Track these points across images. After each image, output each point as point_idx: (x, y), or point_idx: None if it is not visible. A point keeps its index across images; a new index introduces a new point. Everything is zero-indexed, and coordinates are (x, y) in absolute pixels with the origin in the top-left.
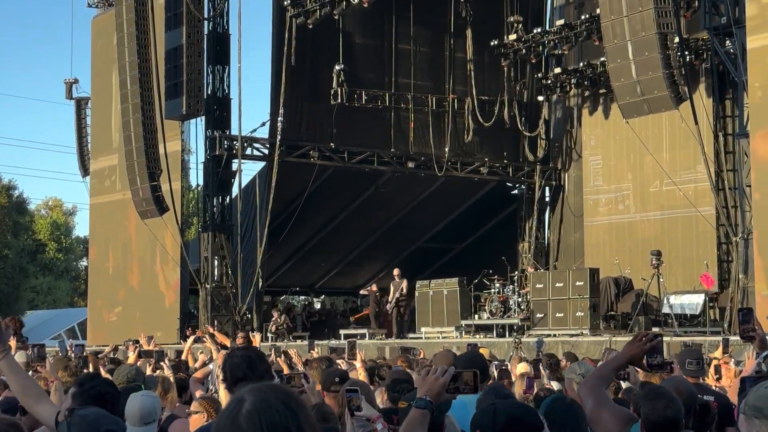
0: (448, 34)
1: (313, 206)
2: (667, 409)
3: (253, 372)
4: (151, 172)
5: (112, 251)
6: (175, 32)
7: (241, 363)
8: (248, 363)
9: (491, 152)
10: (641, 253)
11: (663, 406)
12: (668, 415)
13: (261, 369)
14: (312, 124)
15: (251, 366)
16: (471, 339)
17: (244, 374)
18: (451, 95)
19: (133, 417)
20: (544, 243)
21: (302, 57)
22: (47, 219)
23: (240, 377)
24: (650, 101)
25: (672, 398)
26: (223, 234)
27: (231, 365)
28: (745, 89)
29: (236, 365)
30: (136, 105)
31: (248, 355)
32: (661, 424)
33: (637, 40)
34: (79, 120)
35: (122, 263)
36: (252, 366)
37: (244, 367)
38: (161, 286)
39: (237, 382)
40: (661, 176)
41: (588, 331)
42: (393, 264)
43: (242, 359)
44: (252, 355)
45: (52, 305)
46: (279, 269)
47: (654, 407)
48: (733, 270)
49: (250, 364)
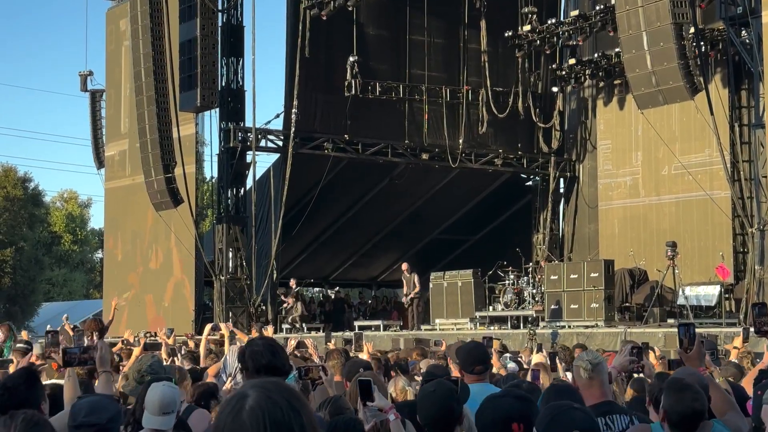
0: (463, 25)
1: (327, 198)
2: (695, 402)
3: (276, 359)
4: (166, 164)
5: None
6: (190, 24)
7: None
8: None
9: (505, 143)
10: (656, 245)
11: (690, 399)
12: (696, 407)
13: (283, 357)
14: (326, 116)
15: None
16: (486, 330)
17: (269, 361)
18: (465, 86)
19: (152, 406)
20: (559, 234)
21: (316, 48)
22: (63, 211)
23: (264, 364)
24: (665, 92)
25: (697, 390)
26: (237, 226)
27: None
28: (761, 79)
29: (259, 353)
30: (150, 97)
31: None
32: (688, 416)
33: (652, 30)
34: (93, 112)
35: (134, 254)
36: (275, 353)
37: (268, 354)
38: (176, 278)
39: (260, 370)
40: (676, 167)
41: (603, 323)
42: (407, 256)
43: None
44: (273, 343)
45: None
46: (293, 261)
47: (680, 399)
48: (749, 261)
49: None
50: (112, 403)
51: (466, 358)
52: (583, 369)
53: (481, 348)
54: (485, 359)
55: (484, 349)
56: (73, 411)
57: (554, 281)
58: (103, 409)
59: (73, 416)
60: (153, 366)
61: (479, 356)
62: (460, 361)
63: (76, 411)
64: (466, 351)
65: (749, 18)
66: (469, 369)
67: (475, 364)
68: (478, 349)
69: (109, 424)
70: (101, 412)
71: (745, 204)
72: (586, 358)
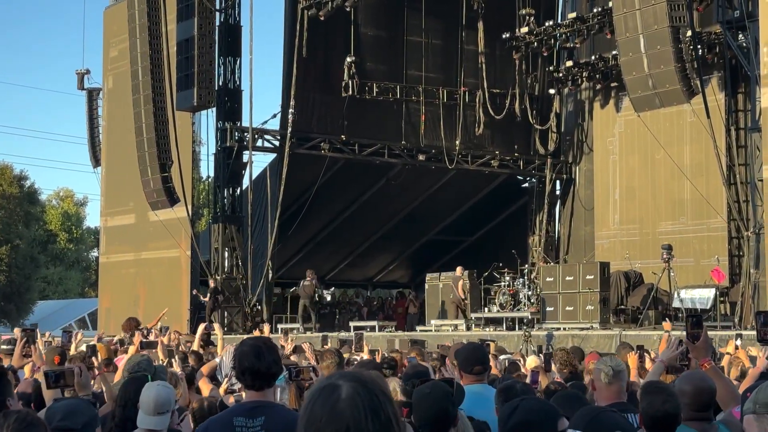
0: (460, 26)
1: (323, 198)
2: (665, 404)
3: (259, 361)
4: (162, 163)
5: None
6: (187, 23)
7: (249, 352)
8: (257, 353)
9: (502, 145)
10: (652, 247)
11: (661, 401)
12: (667, 409)
13: (269, 359)
14: (323, 116)
15: (258, 356)
16: (481, 332)
17: (252, 363)
18: (462, 88)
19: (147, 406)
20: (555, 236)
21: (314, 49)
22: (58, 209)
23: (247, 366)
24: (662, 95)
25: (671, 393)
26: (233, 225)
27: (240, 354)
28: (758, 83)
29: (245, 355)
30: (147, 96)
31: (257, 345)
32: (659, 419)
33: (650, 33)
34: (90, 111)
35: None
36: (259, 356)
37: (252, 357)
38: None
39: (245, 372)
40: (672, 170)
41: (598, 325)
42: (403, 256)
43: (251, 348)
44: (260, 345)
45: (63, 295)
46: (289, 261)
47: (651, 402)
48: (745, 264)
49: (258, 354)
50: (88, 408)
51: (466, 358)
52: (604, 374)
53: (481, 349)
54: (484, 360)
55: (483, 350)
56: (48, 414)
57: (550, 283)
58: (79, 414)
59: (49, 420)
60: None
61: (479, 357)
62: (459, 361)
63: (51, 414)
64: (466, 352)
65: (746, 21)
66: (469, 370)
67: (474, 365)
68: (478, 351)
69: (84, 429)
70: (76, 417)
71: (741, 207)
72: (609, 364)
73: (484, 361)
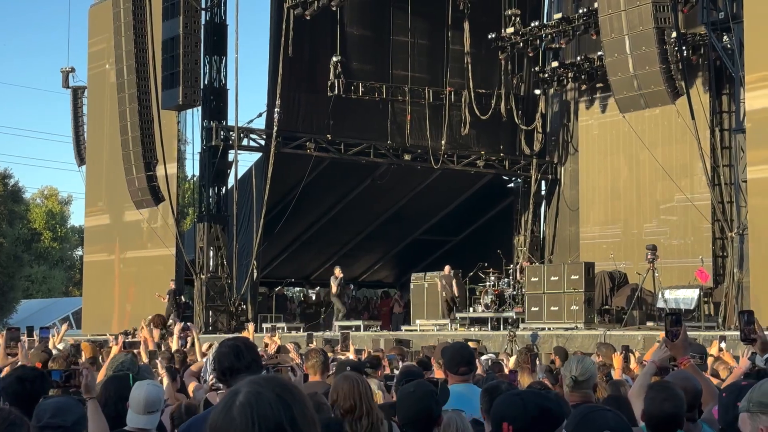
0: (446, 26)
1: (309, 198)
2: (665, 403)
3: (239, 361)
4: (147, 162)
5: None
6: (173, 22)
7: (228, 352)
8: (235, 353)
9: (488, 145)
10: (637, 248)
11: (662, 399)
12: (666, 408)
13: (248, 359)
14: (309, 116)
15: (238, 355)
16: (466, 332)
17: (231, 364)
18: (448, 88)
19: (137, 405)
20: (540, 237)
21: (300, 48)
22: (43, 208)
23: (227, 366)
24: (647, 96)
25: (673, 392)
26: (218, 224)
27: (219, 354)
28: (742, 84)
29: (224, 354)
30: (132, 95)
31: (236, 345)
32: (661, 418)
33: (635, 34)
34: (75, 109)
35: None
36: (238, 355)
37: (231, 356)
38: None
39: (225, 372)
40: (657, 171)
41: (582, 325)
42: (389, 256)
43: (230, 349)
44: (239, 345)
45: (47, 294)
46: (274, 260)
47: (653, 400)
48: (728, 265)
49: (236, 354)
50: (77, 406)
51: (451, 358)
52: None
53: (467, 349)
54: (470, 360)
55: (469, 350)
56: (38, 412)
57: (535, 283)
58: (69, 411)
59: (38, 417)
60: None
61: (464, 357)
62: (444, 361)
63: (40, 412)
64: (452, 352)
65: (731, 23)
66: (454, 369)
67: (460, 365)
68: (464, 350)
69: (74, 427)
70: (66, 414)
71: (725, 208)
72: (573, 373)
73: (470, 362)
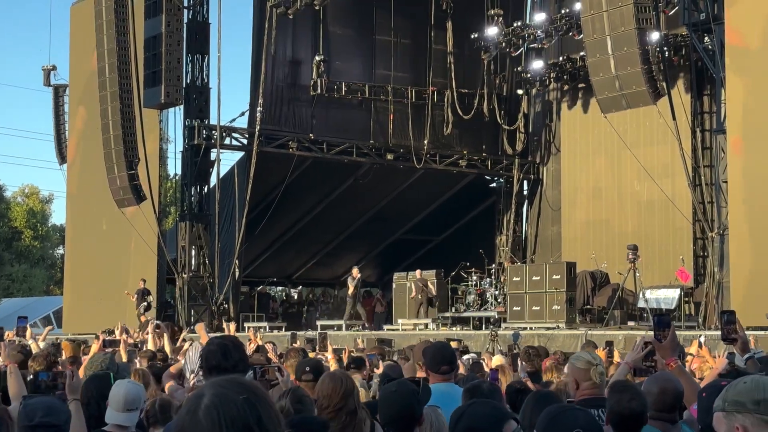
0: (429, 26)
1: (291, 197)
2: (631, 402)
3: (226, 360)
4: (129, 161)
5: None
6: (155, 20)
7: (216, 351)
8: (223, 351)
9: (470, 145)
10: (618, 248)
11: (627, 399)
12: (633, 407)
13: (235, 357)
14: (291, 115)
15: (225, 354)
16: (448, 331)
17: (218, 362)
18: (431, 87)
19: (117, 403)
20: (522, 236)
21: (282, 47)
22: (23, 206)
23: (214, 365)
24: (628, 96)
25: (636, 391)
26: (200, 224)
27: (206, 353)
28: (723, 85)
29: (211, 353)
30: (114, 93)
31: (224, 344)
32: (626, 417)
33: (617, 35)
34: (56, 107)
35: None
36: (226, 354)
37: (219, 355)
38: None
39: (212, 370)
40: (638, 171)
41: (564, 325)
42: (371, 255)
43: (217, 347)
44: (227, 344)
45: (28, 293)
46: (256, 259)
47: (619, 400)
48: (709, 265)
49: (224, 353)
50: (63, 405)
51: (433, 357)
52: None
53: (448, 348)
54: (452, 359)
55: (451, 349)
56: (27, 411)
57: (516, 283)
58: (59, 410)
59: (29, 416)
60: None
61: (446, 356)
62: (426, 360)
63: (31, 411)
64: (433, 351)
65: (712, 24)
66: (436, 369)
67: (441, 364)
68: (445, 350)
69: (64, 426)
70: (58, 413)
71: (706, 208)
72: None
73: (452, 361)
